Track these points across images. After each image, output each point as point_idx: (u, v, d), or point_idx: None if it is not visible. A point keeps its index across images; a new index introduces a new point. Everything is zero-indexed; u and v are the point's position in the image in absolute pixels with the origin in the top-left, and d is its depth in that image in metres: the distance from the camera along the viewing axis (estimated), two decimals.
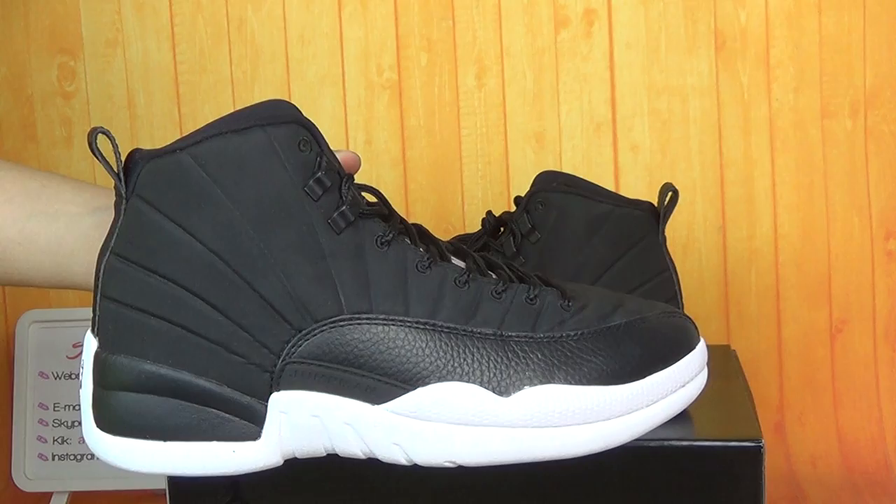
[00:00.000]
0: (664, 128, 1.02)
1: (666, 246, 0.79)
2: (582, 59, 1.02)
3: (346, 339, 0.59)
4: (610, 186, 1.01)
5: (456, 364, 0.59)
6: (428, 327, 0.59)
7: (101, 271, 0.59)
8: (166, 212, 0.59)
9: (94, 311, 0.60)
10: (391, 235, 0.60)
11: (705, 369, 0.65)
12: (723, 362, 0.89)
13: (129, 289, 0.59)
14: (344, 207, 0.59)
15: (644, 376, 0.61)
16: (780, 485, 0.98)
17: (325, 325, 0.59)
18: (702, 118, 1.02)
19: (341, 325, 0.59)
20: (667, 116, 1.02)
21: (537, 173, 0.83)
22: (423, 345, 0.59)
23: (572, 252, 0.77)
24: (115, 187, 0.59)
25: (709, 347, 0.67)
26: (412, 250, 0.61)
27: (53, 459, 1.00)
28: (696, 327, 0.65)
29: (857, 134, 1.01)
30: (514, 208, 0.82)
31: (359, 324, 0.59)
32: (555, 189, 0.79)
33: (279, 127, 0.59)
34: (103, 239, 0.60)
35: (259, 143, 0.59)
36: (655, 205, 0.79)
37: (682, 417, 0.64)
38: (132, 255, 0.59)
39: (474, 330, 0.60)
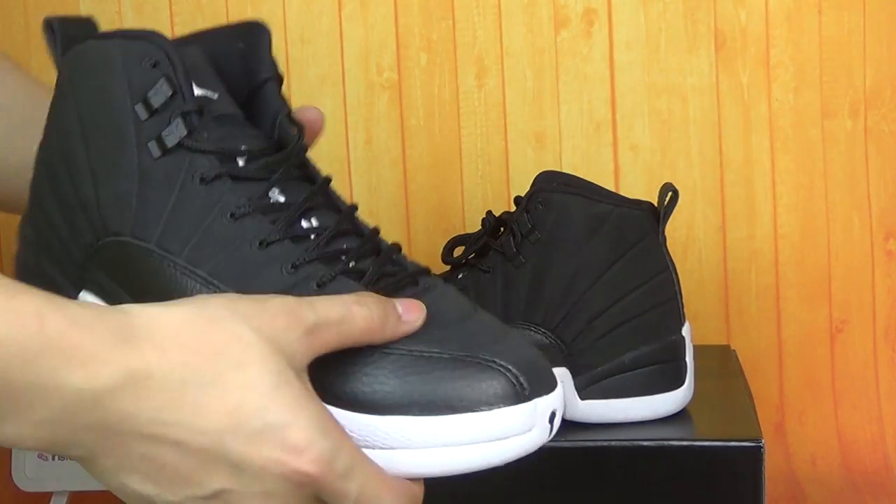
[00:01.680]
0: (664, 128, 1.02)
1: (666, 246, 0.79)
2: (582, 58, 1.02)
3: (129, 259, 0.58)
4: (610, 186, 1.01)
5: None
6: (196, 278, 0.56)
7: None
8: (56, 101, 0.61)
9: None
10: (213, 175, 0.58)
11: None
12: (723, 362, 0.89)
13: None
14: (164, 133, 0.58)
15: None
16: (780, 484, 0.98)
17: (114, 240, 0.58)
18: (702, 118, 1.02)
19: (126, 246, 0.58)
20: (667, 116, 1.02)
21: (537, 173, 0.83)
22: (189, 292, 0.56)
23: (572, 252, 0.77)
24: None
25: (709, 347, 0.68)
26: (233, 196, 0.57)
27: (53, 459, 1.00)
28: (510, 389, 0.53)
29: (857, 134, 1.01)
30: (514, 208, 0.82)
31: (137, 247, 0.57)
32: (555, 189, 0.79)
33: (134, 41, 0.59)
34: None
35: (111, 53, 0.58)
36: (655, 205, 0.79)
37: (682, 417, 0.64)
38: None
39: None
